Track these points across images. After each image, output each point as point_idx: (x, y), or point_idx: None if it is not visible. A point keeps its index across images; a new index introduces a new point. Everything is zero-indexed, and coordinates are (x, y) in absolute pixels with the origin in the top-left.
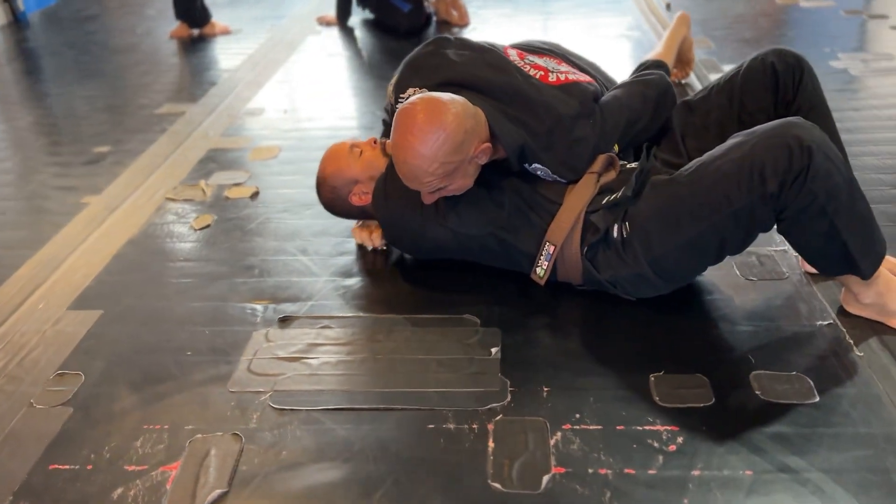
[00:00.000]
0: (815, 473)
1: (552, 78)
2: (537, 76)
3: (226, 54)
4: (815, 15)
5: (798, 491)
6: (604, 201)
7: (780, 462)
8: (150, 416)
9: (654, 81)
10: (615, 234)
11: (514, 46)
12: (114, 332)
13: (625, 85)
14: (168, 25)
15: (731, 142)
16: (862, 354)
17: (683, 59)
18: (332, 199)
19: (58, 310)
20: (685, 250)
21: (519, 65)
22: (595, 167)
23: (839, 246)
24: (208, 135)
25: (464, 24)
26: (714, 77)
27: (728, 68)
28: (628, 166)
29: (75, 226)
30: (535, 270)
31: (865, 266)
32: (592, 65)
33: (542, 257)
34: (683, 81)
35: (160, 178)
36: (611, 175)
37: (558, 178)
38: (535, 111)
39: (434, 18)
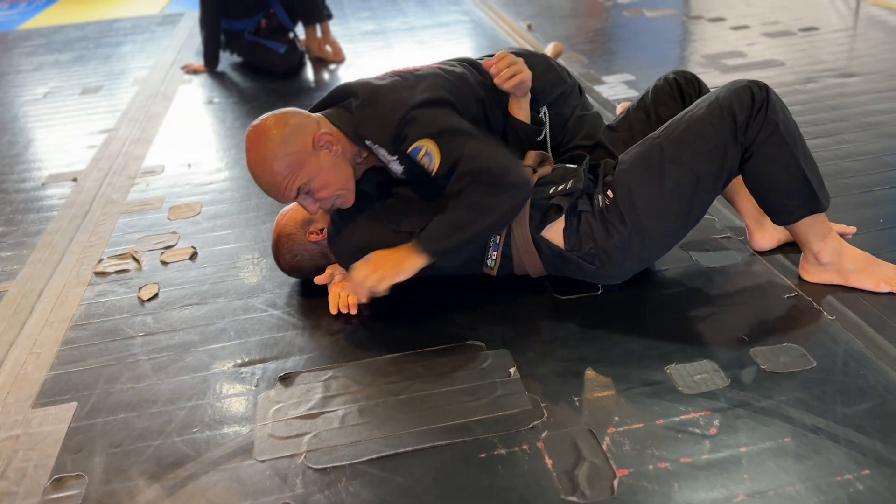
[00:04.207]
0: (842, 429)
1: (382, 74)
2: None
3: (93, 114)
4: (662, 22)
5: (834, 448)
6: (551, 190)
7: (810, 424)
8: (184, 503)
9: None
10: (599, 203)
11: None
12: (101, 424)
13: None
14: None
15: (695, 102)
16: (834, 317)
17: None
18: (291, 248)
19: (21, 410)
20: (665, 202)
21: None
22: (528, 161)
23: (800, 179)
24: (113, 199)
25: (339, 60)
26: (598, 88)
27: (606, 78)
28: (566, 166)
29: (1, 318)
30: (486, 263)
31: (823, 198)
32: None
33: (490, 249)
34: None
35: (78, 253)
36: (546, 169)
37: (401, 166)
38: (355, 90)
39: (307, 57)
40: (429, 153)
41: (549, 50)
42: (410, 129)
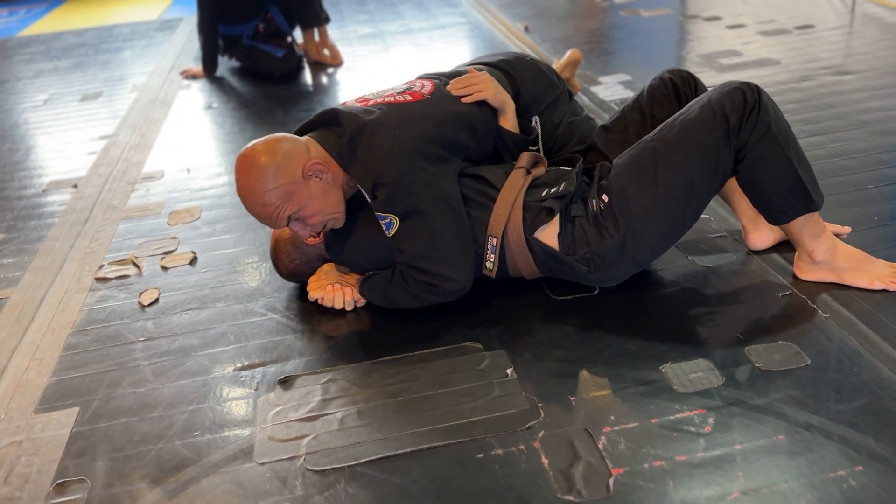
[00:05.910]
0: (835, 426)
1: (370, 103)
2: (358, 105)
3: (93, 120)
4: (658, 22)
5: (827, 445)
6: (543, 193)
7: (803, 422)
8: None
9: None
10: (593, 208)
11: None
12: (102, 428)
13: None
14: None
15: (688, 105)
16: (828, 315)
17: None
18: (290, 252)
19: (24, 416)
20: (659, 205)
21: (347, 104)
22: (522, 162)
23: (793, 178)
24: (113, 205)
25: (337, 63)
26: (594, 89)
27: (602, 79)
28: (560, 168)
29: (3, 324)
30: (485, 265)
31: (817, 197)
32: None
33: (487, 251)
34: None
35: (79, 259)
36: (540, 170)
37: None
38: (341, 121)
39: (305, 61)
40: (390, 224)
41: (566, 58)
42: (380, 193)
